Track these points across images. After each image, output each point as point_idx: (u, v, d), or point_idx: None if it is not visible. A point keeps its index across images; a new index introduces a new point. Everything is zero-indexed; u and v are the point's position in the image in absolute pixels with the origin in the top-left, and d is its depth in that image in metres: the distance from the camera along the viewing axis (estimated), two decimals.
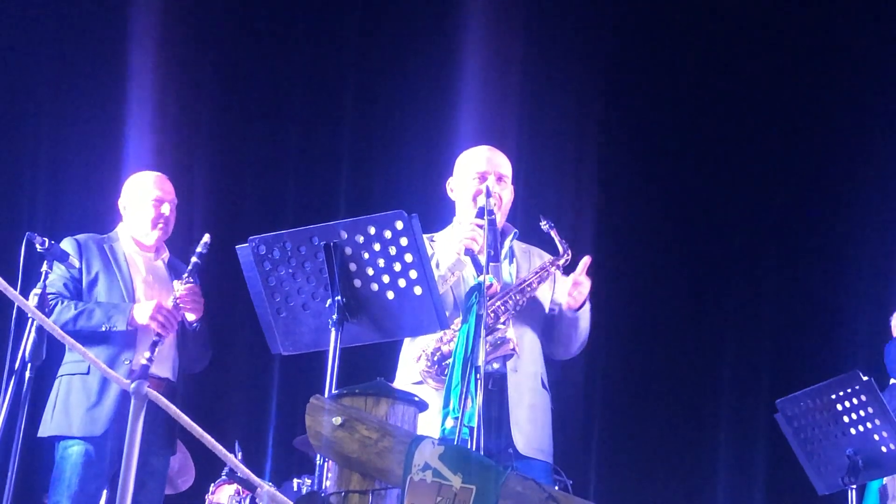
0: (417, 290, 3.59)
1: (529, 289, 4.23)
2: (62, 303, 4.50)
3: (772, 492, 7.10)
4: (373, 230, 3.56)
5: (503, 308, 4.13)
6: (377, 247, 3.57)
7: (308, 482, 5.93)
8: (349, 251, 3.58)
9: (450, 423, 3.71)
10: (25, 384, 4.02)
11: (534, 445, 4.16)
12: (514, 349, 4.07)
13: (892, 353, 5.13)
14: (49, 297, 4.35)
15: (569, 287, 4.23)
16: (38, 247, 4.25)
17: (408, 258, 3.57)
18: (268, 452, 7.09)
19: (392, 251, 3.56)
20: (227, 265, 4.17)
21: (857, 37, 7.51)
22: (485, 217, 4.11)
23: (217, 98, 7.48)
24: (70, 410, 4.48)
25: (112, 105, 6.93)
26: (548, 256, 4.36)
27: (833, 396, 4.58)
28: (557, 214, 4.37)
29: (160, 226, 4.77)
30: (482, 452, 3.64)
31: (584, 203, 7.44)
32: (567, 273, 4.34)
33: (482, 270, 4.01)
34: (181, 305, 4.56)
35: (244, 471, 3.83)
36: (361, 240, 3.57)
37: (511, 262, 4.36)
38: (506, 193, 4.38)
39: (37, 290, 4.19)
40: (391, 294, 3.60)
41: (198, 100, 7.35)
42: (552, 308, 4.40)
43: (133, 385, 2.78)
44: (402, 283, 3.58)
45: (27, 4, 6.92)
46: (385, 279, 3.59)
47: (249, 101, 7.73)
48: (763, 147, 7.78)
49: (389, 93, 7.73)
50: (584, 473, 7.10)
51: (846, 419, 4.56)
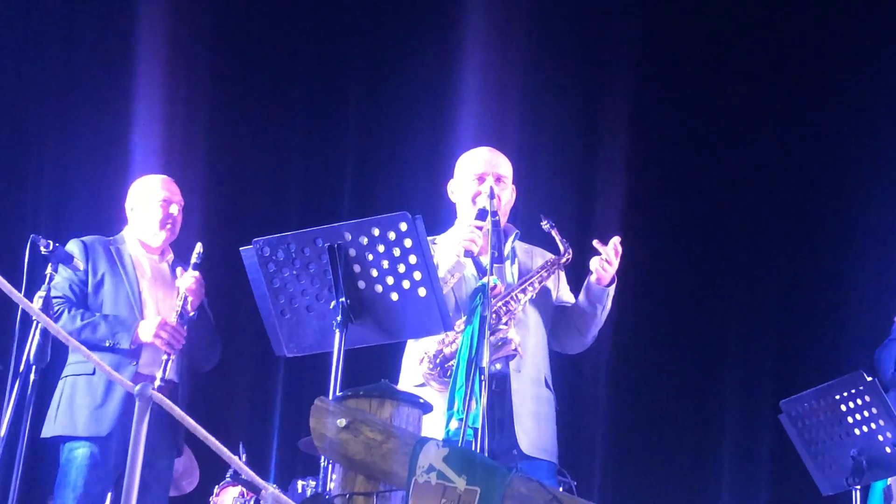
0: (422, 292, 3.59)
1: (531, 288, 4.23)
2: (69, 311, 4.51)
3: (776, 492, 7.09)
4: (377, 232, 3.57)
5: (504, 309, 4.13)
6: (381, 248, 3.57)
7: (312, 484, 5.91)
8: (353, 253, 3.58)
9: (454, 425, 3.71)
10: (30, 386, 4.03)
11: (537, 445, 4.16)
12: (517, 349, 4.06)
13: (884, 358, 5.11)
14: (54, 301, 4.35)
15: (598, 264, 4.22)
16: (43, 249, 4.25)
17: (412, 259, 3.57)
18: (272, 454, 7.08)
19: (396, 253, 3.57)
20: (232, 267, 4.17)
21: (873, 34, 7.47)
22: (486, 219, 4.11)
23: (221, 101, 7.48)
24: (75, 411, 4.48)
25: (118, 108, 6.93)
26: (550, 256, 4.36)
27: (837, 397, 4.57)
28: (559, 216, 4.35)
29: (168, 226, 4.79)
30: (486, 454, 3.64)
31: (587, 204, 7.43)
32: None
33: (484, 271, 4.01)
34: (190, 299, 4.58)
35: (248, 473, 3.84)
36: (365, 241, 3.57)
37: (513, 263, 4.36)
38: (505, 194, 4.36)
39: (41, 293, 4.20)
40: (395, 295, 3.60)
41: (202, 103, 7.35)
42: (560, 304, 4.41)
43: (137, 387, 2.78)
44: (407, 285, 3.59)
45: (34, 8, 6.93)
46: (389, 281, 3.59)
47: (253, 104, 7.73)
48: (765, 148, 7.77)
49: (392, 94, 7.73)
50: (589, 474, 7.08)
51: (850, 420, 4.55)
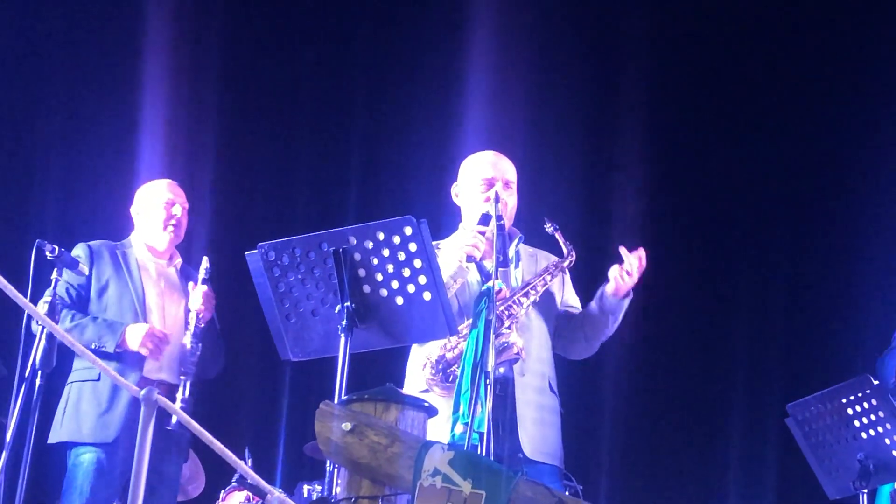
0: (427, 296, 3.59)
1: (534, 292, 4.22)
2: (61, 312, 4.51)
3: (782, 496, 7.07)
4: (382, 236, 3.56)
5: (507, 313, 4.13)
6: (386, 252, 3.57)
7: (318, 488, 5.91)
8: (358, 257, 3.58)
9: (459, 429, 3.71)
10: (36, 391, 4.04)
11: (541, 449, 4.15)
12: (520, 353, 4.06)
13: (886, 367, 5.09)
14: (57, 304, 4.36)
15: (617, 272, 4.22)
16: (48, 254, 4.26)
17: (417, 264, 3.56)
18: (278, 458, 7.08)
19: (401, 257, 3.56)
20: (237, 272, 4.17)
21: (880, 34, 7.45)
22: (490, 223, 4.11)
23: (228, 106, 7.49)
24: (81, 416, 4.49)
25: (124, 112, 6.94)
26: (555, 259, 4.36)
27: (844, 401, 4.56)
28: (563, 219, 4.35)
29: (171, 226, 4.78)
30: (492, 457, 3.64)
31: (591, 207, 7.42)
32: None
33: (488, 276, 4.01)
34: (201, 315, 4.57)
35: (254, 477, 3.84)
36: (370, 245, 3.57)
37: (517, 266, 4.36)
38: (512, 199, 4.37)
39: (47, 298, 4.20)
40: (400, 300, 3.60)
41: (209, 108, 7.36)
42: (566, 309, 4.40)
43: (143, 392, 2.78)
44: (412, 289, 3.58)
45: (40, 12, 6.94)
46: (394, 285, 3.59)
47: (259, 108, 7.74)
48: (774, 153, 7.75)
49: (398, 99, 7.73)
50: (595, 478, 7.07)
51: (857, 423, 4.53)
